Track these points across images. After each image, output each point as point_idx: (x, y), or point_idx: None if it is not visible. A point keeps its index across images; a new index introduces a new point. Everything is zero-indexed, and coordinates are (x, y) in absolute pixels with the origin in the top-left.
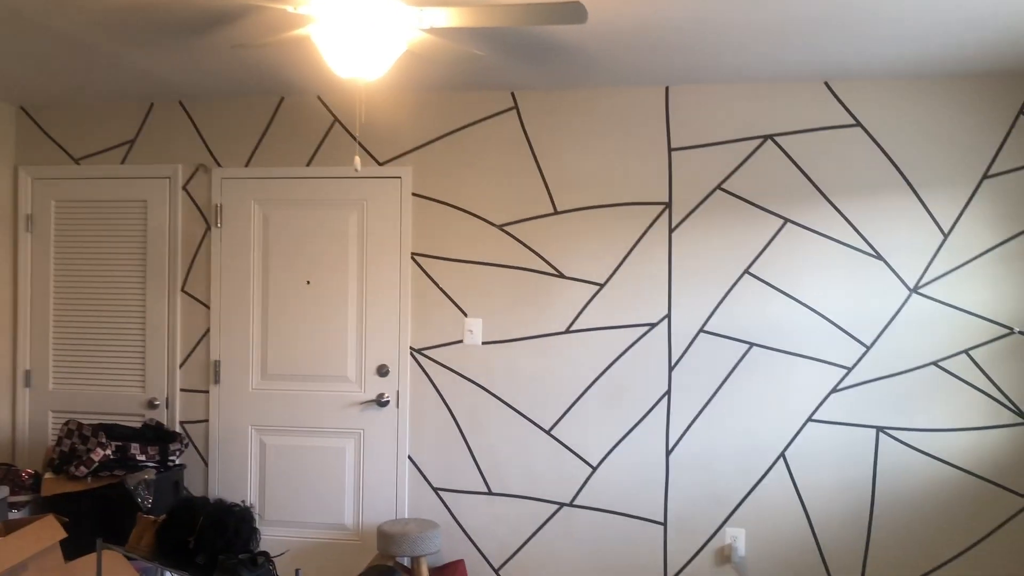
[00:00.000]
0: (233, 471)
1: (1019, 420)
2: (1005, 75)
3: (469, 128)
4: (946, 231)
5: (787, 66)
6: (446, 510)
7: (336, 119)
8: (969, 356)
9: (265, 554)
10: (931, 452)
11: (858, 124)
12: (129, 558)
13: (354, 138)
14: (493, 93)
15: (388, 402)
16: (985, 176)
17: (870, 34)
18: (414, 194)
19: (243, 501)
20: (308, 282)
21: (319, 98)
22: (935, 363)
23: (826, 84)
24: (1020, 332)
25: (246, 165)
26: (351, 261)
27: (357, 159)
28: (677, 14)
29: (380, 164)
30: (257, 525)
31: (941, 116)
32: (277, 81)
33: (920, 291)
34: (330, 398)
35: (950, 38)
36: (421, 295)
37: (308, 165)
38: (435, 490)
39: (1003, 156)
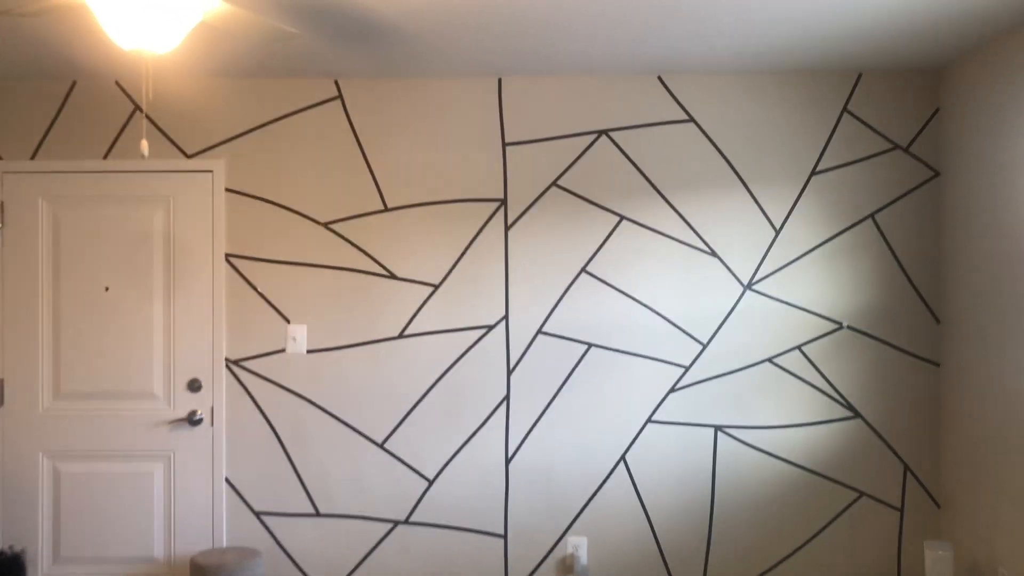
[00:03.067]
0: (20, 504)
1: (849, 414)
2: (831, 72)
3: (289, 118)
4: (778, 227)
5: (621, 59)
6: (269, 536)
7: (137, 106)
8: (802, 352)
9: None
10: (767, 449)
11: (691, 120)
12: None
13: (151, 121)
14: (315, 81)
15: (201, 420)
16: (813, 172)
17: (703, 28)
18: (228, 190)
19: (10, 547)
20: (107, 288)
21: (117, 83)
22: (770, 359)
23: (660, 79)
24: (848, 327)
25: (32, 157)
26: (156, 264)
27: (144, 143)
28: None
29: (188, 157)
30: (28, 574)
31: (772, 112)
32: (68, 63)
33: (754, 288)
34: (134, 417)
35: (781, 34)
36: (238, 300)
37: (105, 158)
38: (256, 514)
39: (829, 153)
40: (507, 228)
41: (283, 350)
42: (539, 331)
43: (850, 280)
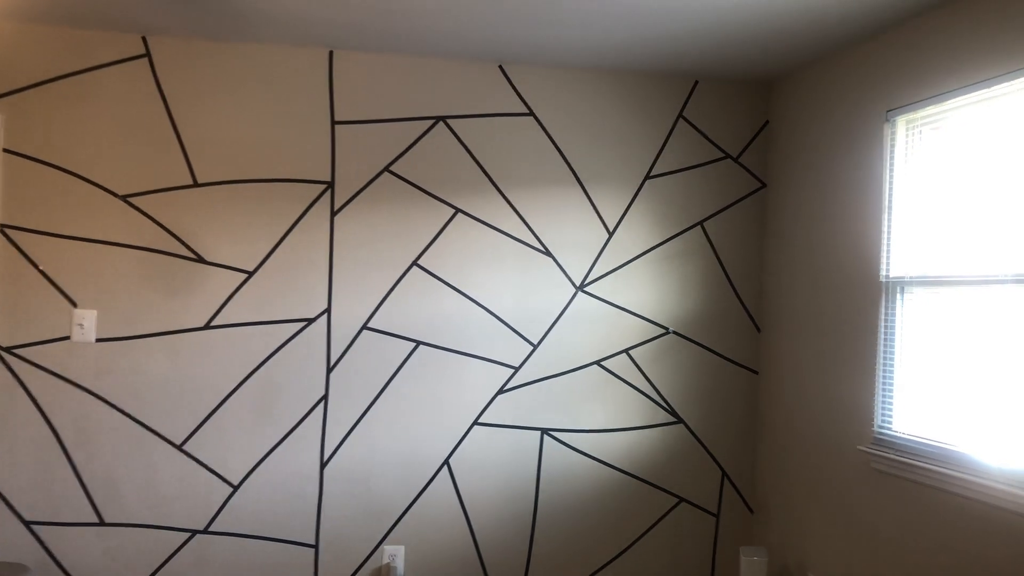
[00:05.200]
0: None
1: (673, 420)
2: (669, 77)
3: (87, 74)
4: (611, 229)
5: (462, 43)
6: (41, 548)
7: None
8: (629, 356)
9: None
10: (592, 453)
11: (531, 113)
12: None
13: None
14: (120, 35)
15: None
16: (647, 176)
17: (546, 14)
18: (5, 150)
19: None
20: None
21: None
22: (598, 362)
23: (500, 68)
24: (674, 332)
25: None
26: None
27: None
28: None
29: None
30: None
31: (611, 112)
32: None
33: (586, 289)
34: None
35: (622, 29)
36: (13, 279)
37: None
38: (26, 524)
39: (664, 157)
40: (333, 214)
41: (68, 337)
42: (364, 326)
43: (678, 286)
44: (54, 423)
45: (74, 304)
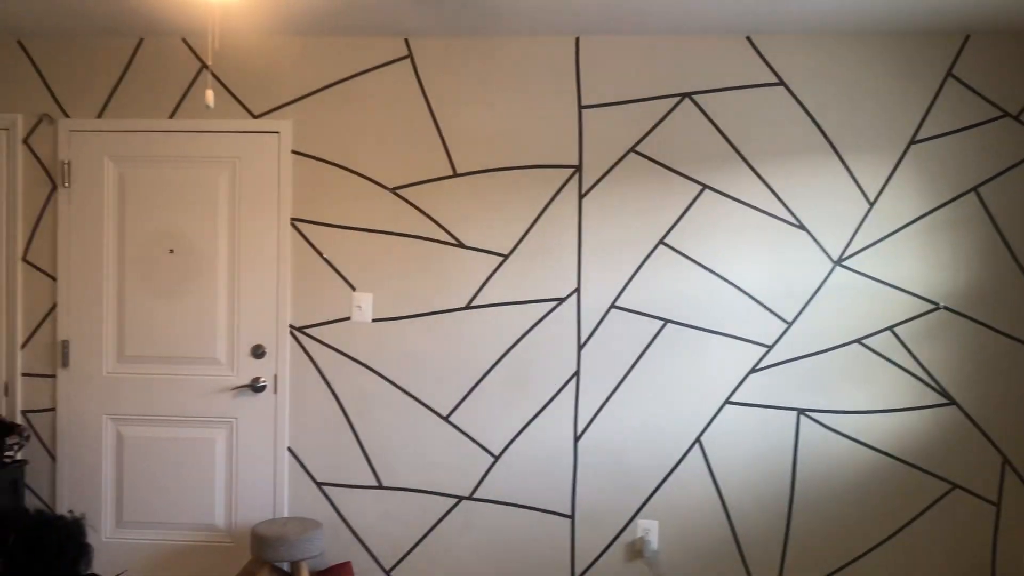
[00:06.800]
0: (85, 466)
1: (944, 401)
2: (935, 34)
3: (358, 78)
4: (872, 200)
5: (708, 18)
6: (331, 507)
7: (204, 64)
8: (894, 333)
9: None
10: (853, 435)
11: (781, 83)
12: None
13: (218, 79)
14: (385, 39)
15: (264, 387)
16: (912, 141)
17: None
18: (294, 152)
19: (70, 512)
20: (171, 251)
21: (184, 41)
22: (859, 341)
23: (748, 39)
24: (945, 307)
25: (99, 116)
26: (221, 227)
27: (209, 93)
28: None
29: (255, 117)
30: (90, 540)
31: (868, 76)
32: (135, 20)
33: (844, 264)
34: (197, 383)
35: None
36: (303, 266)
37: (171, 117)
38: (318, 485)
39: (930, 121)
40: (581, 196)
41: (348, 318)
42: (612, 305)
43: (949, 257)
44: (339, 395)
45: (353, 288)
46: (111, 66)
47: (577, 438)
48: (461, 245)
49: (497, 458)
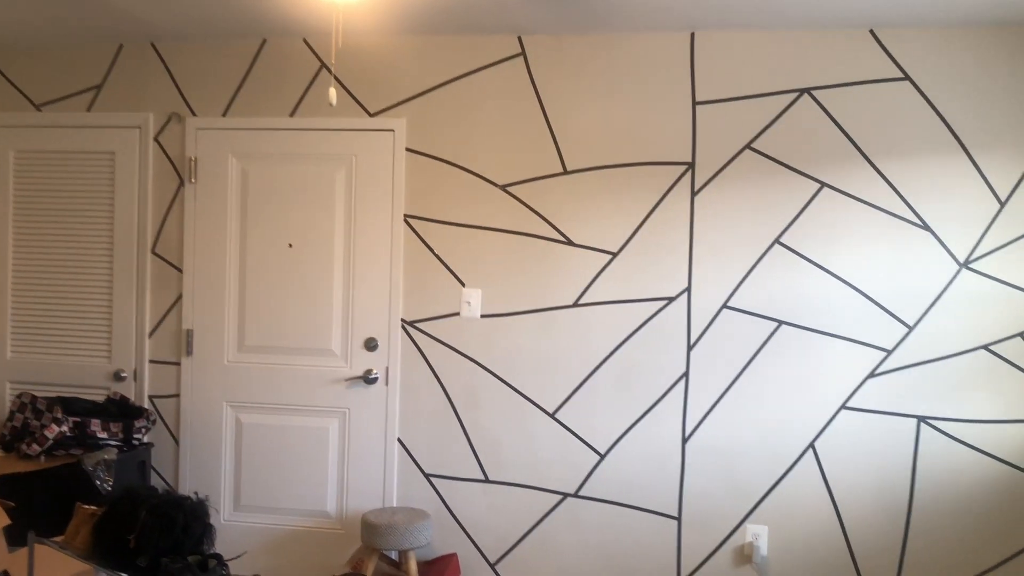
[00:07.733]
0: (206, 450)
1: None
2: None
3: (470, 76)
4: (1003, 199)
5: (828, 11)
6: (438, 498)
7: (323, 64)
8: None
9: (218, 556)
10: (978, 446)
11: (906, 78)
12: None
13: (336, 79)
14: (498, 37)
15: (376, 379)
16: None
17: None
18: (408, 149)
19: (195, 493)
20: (290, 245)
21: (305, 41)
22: (986, 347)
23: (871, 32)
24: None
25: (224, 115)
26: (337, 222)
27: (332, 91)
28: None
29: (371, 115)
30: (212, 521)
31: (1000, 71)
32: (259, 21)
33: (971, 266)
34: (313, 373)
35: None
36: (414, 262)
37: (292, 115)
38: (427, 476)
39: None
40: (693, 194)
41: (457, 313)
42: (724, 305)
43: None
44: (447, 389)
45: (462, 284)
46: (235, 66)
47: (685, 439)
48: (570, 242)
49: (603, 456)
